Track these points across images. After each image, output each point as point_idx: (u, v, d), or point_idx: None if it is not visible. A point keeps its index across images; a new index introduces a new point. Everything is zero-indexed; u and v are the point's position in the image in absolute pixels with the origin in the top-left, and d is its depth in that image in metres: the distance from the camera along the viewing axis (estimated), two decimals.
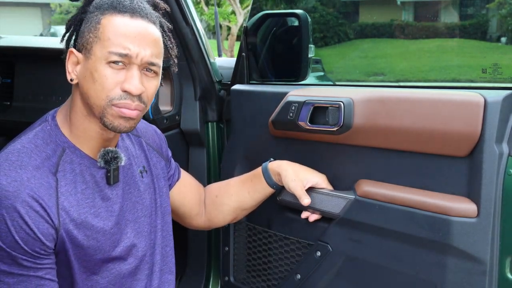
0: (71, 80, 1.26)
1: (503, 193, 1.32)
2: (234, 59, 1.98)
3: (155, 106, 1.87)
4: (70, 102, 1.30)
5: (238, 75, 1.91)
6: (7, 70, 2.10)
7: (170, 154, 1.60)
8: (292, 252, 1.73)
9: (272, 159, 1.65)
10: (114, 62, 1.20)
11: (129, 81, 1.21)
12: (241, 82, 1.90)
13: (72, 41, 1.29)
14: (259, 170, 1.64)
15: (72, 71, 1.26)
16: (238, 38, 14.04)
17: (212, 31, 18.79)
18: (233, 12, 14.93)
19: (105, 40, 1.21)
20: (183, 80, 2.01)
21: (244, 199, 1.65)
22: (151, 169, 1.48)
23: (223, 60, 2.39)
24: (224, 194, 1.67)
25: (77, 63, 1.25)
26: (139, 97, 1.23)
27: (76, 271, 1.27)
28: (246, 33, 1.89)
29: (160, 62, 1.28)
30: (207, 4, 14.96)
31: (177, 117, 2.00)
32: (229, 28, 15.36)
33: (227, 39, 15.29)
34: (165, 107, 1.97)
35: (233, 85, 1.89)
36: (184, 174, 1.66)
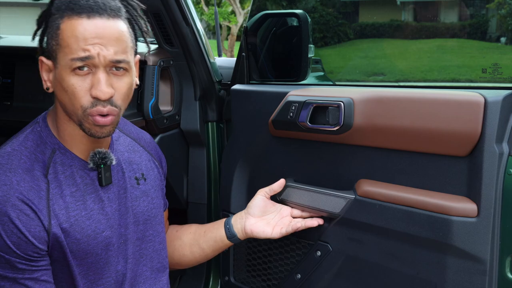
0: (47, 88, 1.23)
1: (503, 193, 1.32)
2: (234, 59, 1.98)
3: (155, 106, 1.87)
4: (54, 107, 1.28)
5: (238, 75, 1.91)
6: (7, 70, 2.10)
7: (166, 173, 1.58)
8: (292, 251, 1.73)
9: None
10: (78, 68, 1.15)
11: (96, 86, 1.16)
12: (241, 82, 1.90)
13: (43, 45, 1.24)
14: (223, 219, 1.65)
15: (48, 79, 1.23)
16: (238, 38, 14.05)
17: (212, 31, 18.79)
18: (233, 12, 14.94)
19: (65, 47, 1.16)
20: (183, 80, 2.01)
21: (199, 237, 1.64)
22: (150, 178, 1.45)
23: (223, 60, 2.39)
24: (184, 231, 1.67)
25: (50, 70, 1.22)
26: (109, 100, 1.17)
27: (76, 276, 1.25)
28: (246, 33, 1.89)
29: (128, 57, 1.20)
30: (207, 4, 14.97)
31: (177, 117, 2.00)
32: (229, 28, 15.37)
33: (227, 39, 15.30)
34: (165, 107, 1.97)
35: (233, 85, 1.89)
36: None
